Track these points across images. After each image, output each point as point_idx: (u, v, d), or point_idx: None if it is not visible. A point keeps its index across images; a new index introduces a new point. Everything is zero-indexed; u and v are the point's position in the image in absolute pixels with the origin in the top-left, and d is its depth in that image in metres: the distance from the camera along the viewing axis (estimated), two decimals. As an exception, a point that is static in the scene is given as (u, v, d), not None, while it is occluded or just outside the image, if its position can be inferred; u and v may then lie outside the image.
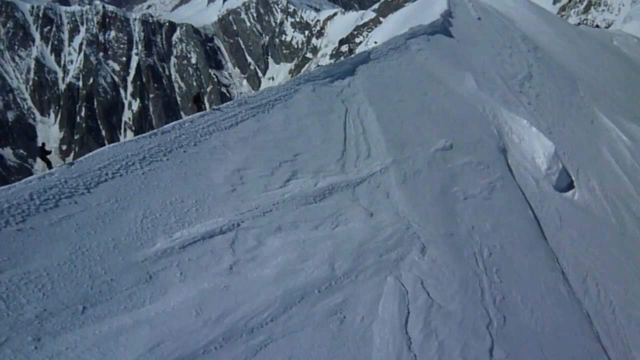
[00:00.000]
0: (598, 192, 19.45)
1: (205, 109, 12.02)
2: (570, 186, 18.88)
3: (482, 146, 15.12)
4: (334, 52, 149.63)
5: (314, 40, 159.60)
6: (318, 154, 10.84)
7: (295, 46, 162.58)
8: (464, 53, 19.15)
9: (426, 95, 14.62)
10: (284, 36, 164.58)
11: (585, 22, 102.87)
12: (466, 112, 15.66)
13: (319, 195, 10.13)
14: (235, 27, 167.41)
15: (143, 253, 7.63)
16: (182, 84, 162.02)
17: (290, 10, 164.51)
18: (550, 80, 24.11)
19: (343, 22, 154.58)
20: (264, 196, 9.42)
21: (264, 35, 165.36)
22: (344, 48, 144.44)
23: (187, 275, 7.66)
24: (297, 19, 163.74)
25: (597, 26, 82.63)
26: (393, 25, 30.18)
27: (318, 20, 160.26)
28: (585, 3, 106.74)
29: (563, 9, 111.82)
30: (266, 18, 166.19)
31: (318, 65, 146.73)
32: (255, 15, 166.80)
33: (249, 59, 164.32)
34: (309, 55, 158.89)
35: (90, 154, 8.50)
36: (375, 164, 11.68)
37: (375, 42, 32.81)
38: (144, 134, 9.20)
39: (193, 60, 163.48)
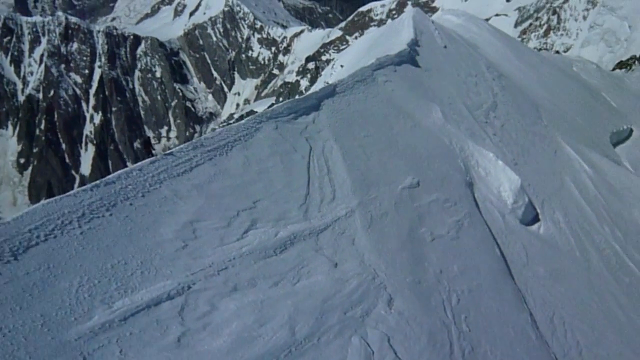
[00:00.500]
0: (563, 225, 19.25)
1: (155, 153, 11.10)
2: (536, 219, 18.62)
3: (449, 182, 14.66)
4: (300, 68, 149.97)
5: (280, 57, 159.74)
6: (279, 200, 10.07)
7: (262, 62, 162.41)
8: (431, 83, 18.78)
9: (393, 129, 14.09)
10: (250, 52, 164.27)
11: (545, 45, 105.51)
12: (433, 146, 15.20)
13: (279, 247, 9.37)
14: (201, 42, 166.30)
15: (77, 330, 6.66)
16: (146, 98, 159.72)
17: (257, 26, 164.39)
18: (514, 109, 24.02)
19: (310, 40, 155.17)
20: (219, 251, 8.61)
21: (230, 50, 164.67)
22: (311, 65, 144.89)
23: (128, 353, 6.70)
24: (264, 35, 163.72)
25: (557, 52, 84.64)
26: (359, 50, 29.85)
27: (285, 37, 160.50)
28: (545, 27, 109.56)
29: (524, 32, 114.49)
30: (233, 33, 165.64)
31: (284, 82, 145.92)
32: (221, 30, 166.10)
33: (215, 74, 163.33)
34: (275, 71, 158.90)
35: (21, 213, 7.50)
36: (340, 207, 10.99)
37: (342, 66, 32.43)
38: (84, 187, 8.26)
39: (158, 74, 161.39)
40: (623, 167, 27.88)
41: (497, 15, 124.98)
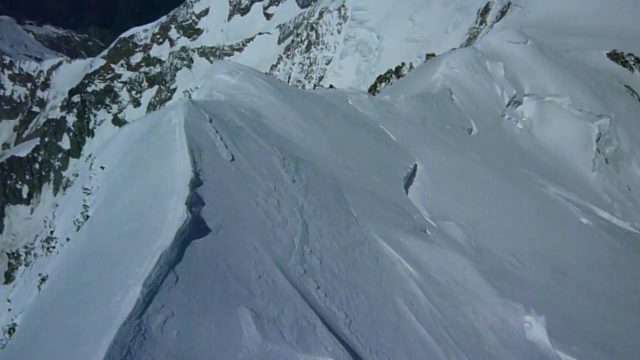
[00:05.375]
0: (414, 386, 15.03)
1: None
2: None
3: None
4: (64, 103, 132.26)
5: (39, 93, 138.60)
6: None
7: (18, 100, 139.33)
8: (228, 255, 12.74)
9: None
10: (2, 91, 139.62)
11: (309, 60, 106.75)
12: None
13: None
14: None
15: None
16: None
17: (6, 62, 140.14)
18: (324, 220, 19.31)
19: (70, 71, 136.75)
20: None
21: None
22: (76, 98, 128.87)
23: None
24: (16, 71, 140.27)
25: (332, 86, 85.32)
26: (124, 157, 22.50)
27: (41, 71, 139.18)
28: (306, 43, 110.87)
29: (288, 49, 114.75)
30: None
31: (48, 120, 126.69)
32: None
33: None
34: (35, 109, 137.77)
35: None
36: None
37: (102, 167, 24.48)
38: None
39: None
40: (429, 236, 25.26)
41: (260, 34, 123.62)
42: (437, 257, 22.61)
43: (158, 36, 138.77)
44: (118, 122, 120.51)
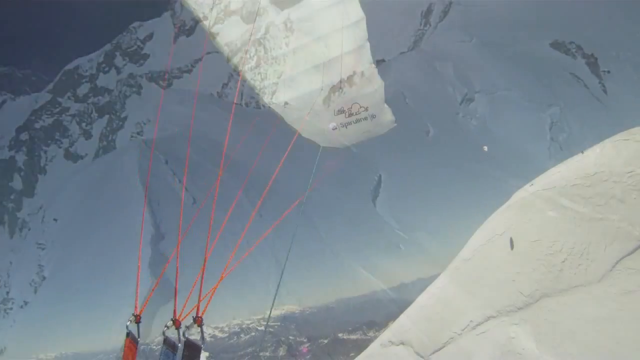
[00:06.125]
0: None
1: None
2: None
3: None
4: (12, 142, 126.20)
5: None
6: None
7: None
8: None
9: None
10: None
11: (260, 76, 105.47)
12: None
13: None
14: None
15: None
16: None
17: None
18: (298, 254, 18.52)
19: (16, 109, 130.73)
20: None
21: None
22: (24, 136, 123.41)
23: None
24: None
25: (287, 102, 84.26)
26: (77, 202, 21.11)
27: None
28: (255, 59, 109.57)
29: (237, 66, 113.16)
30: None
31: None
32: None
33: None
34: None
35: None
36: None
37: (55, 220, 22.89)
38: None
39: None
40: (403, 252, 24.66)
41: (208, 53, 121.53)
42: (416, 275, 22.01)
43: (104, 65, 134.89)
44: (70, 156, 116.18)
